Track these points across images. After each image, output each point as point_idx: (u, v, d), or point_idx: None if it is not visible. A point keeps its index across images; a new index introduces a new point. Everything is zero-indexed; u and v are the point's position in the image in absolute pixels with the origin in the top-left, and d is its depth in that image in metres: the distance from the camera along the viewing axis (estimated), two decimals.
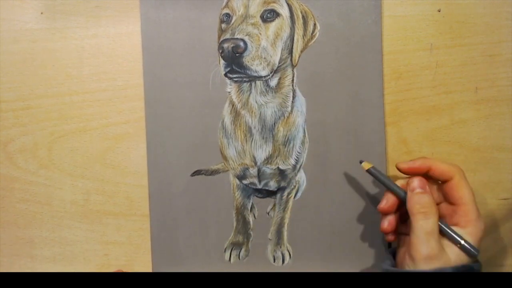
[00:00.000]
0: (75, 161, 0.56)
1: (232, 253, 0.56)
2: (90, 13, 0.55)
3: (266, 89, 0.55)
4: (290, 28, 0.54)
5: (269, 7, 0.54)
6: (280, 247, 0.56)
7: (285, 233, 0.56)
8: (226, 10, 0.55)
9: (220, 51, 0.53)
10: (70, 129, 0.56)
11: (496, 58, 0.54)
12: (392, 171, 0.54)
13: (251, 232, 0.56)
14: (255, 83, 0.55)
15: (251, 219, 0.56)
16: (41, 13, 0.55)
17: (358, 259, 0.55)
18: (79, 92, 0.56)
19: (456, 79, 0.54)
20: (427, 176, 0.48)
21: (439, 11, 0.54)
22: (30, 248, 0.57)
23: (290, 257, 0.56)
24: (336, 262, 0.55)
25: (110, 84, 0.56)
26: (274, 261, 0.56)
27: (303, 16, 0.54)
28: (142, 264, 0.56)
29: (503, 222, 0.55)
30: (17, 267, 0.57)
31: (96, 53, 0.56)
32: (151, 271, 0.56)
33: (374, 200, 0.54)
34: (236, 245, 0.56)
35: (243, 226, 0.56)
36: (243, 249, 0.56)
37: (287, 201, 0.56)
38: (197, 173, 0.56)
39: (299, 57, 0.55)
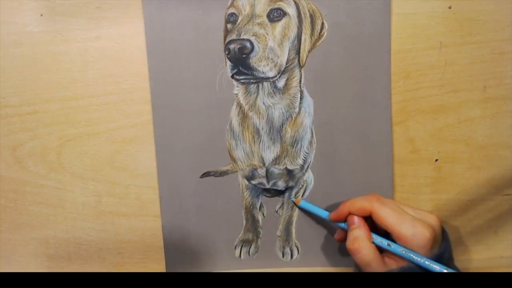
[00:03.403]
0: (85, 164, 0.56)
1: (242, 249, 0.58)
2: (91, 14, 0.54)
3: (273, 90, 0.54)
4: (298, 28, 0.53)
5: (275, 6, 0.53)
6: (289, 243, 0.57)
7: (293, 230, 0.57)
8: (231, 10, 0.53)
9: (227, 52, 0.52)
10: (78, 133, 0.56)
11: (505, 56, 0.54)
12: (398, 169, 0.55)
13: (260, 230, 0.58)
14: (263, 84, 0.54)
15: (260, 217, 0.57)
16: (41, 15, 0.54)
17: None
18: (85, 96, 0.55)
19: (465, 77, 0.54)
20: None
21: (450, 8, 0.53)
22: (45, 248, 0.58)
23: (298, 252, 0.58)
24: (343, 258, 0.57)
25: (116, 87, 0.55)
26: (283, 257, 0.58)
27: (310, 15, 0.53)
28: (156, 261, 0.58)
29: (505, 217, 0.57)
30: (34, 267, 0.58)
31: (99, 56, 0.54)
32: (164, 268, 0.58)
33: None
34: (246, 242, 0.58)
35: (252, 224, 0.57)
36: (252, 246, 0.58)
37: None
38: (206, 174, 0.56)
39: (306, 57, 0.54)
